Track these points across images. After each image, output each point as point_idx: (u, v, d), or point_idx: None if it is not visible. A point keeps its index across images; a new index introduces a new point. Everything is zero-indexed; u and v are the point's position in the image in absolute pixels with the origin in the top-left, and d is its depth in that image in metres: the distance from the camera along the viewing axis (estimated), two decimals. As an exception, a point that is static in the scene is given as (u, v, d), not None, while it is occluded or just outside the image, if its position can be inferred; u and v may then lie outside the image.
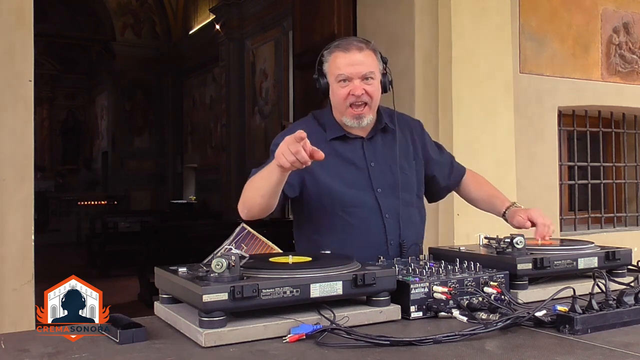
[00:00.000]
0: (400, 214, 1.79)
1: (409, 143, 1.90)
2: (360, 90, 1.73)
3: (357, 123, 1.78)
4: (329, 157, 1.69)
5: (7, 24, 2.32)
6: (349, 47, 1.75)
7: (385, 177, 1.81)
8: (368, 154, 1.82)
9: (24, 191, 2.33)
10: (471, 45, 3.12)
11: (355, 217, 1.76)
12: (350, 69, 1.73)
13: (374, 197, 1.78)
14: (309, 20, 4.00)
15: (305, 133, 1.50)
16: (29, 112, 2.36)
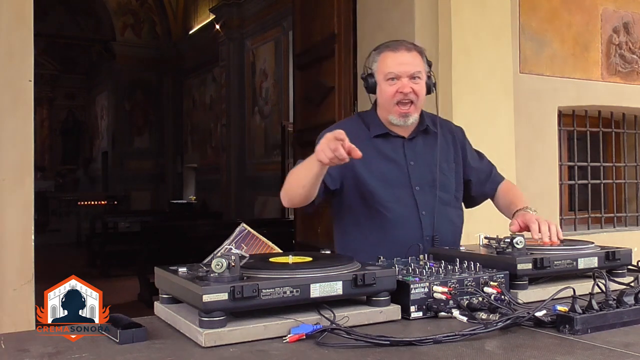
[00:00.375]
0: (436, 211, 1.85)
1: (450, 146, 1.97)
2: (408, 88, 1.80)
3: (403, 121, 1.85)
4: (370, 153, 1.82)
5: (7, 24, 2.32)
6: (398, 47, 1.83)
7: (424, 176, 1.88)
8: (408, 153, 1.89)
9: (24, 191, 2.33)
10: (471, 46, 3.12)
11: (392, 212, 1.83)
12: (399, 67, 1.80)
13: (412, 194, 1.86)
14: (309, 20, 4.00)
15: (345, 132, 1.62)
16: (29, 112, 2.36)
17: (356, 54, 3.53)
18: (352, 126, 1.89)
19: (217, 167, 11.83)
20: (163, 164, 15.12)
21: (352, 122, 1.97)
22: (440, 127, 1.95)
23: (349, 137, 1.74)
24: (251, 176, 10.89)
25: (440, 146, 1.92)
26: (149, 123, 15.14)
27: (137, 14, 14.72)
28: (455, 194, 1.96)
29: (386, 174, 1.86)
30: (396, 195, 1.85)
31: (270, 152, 10.13)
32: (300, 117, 4.19)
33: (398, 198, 1.85)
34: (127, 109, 14.95)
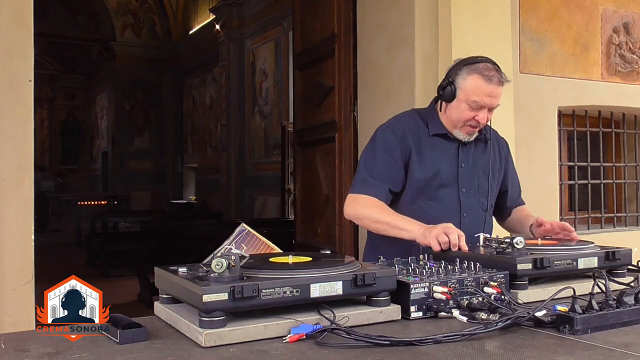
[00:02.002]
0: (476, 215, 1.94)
1: (497, 156, 2.04)
2: (485, 120, 1.90)
3: (469, 137, 1.94)
4: (427, 150, 1.92)
5: (7, 24, 2.32)
6: (493, 79, 1.86)
7: (472, 180, 1.95)
8: (461, 156, 1.95)
9: (24, 191, 2.33)
10: (471, 45, 3.12)
11: (435, 210, 1.89)
12: (488, 100, 1.87)
13: (457, 195, 1.92)
14: (309, 20, 4.00)
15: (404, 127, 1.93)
16: (29, 112, 2.36)
17: (356, 54, 3.53)
18: (414, 120, 1.98)
19: (217, 167, 11.84)
20: (163, 164, 15.13)
21: (414, 116, 2.02)
22: (491, 136, 2.04)
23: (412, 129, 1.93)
24: (251, 176, 10.89)
25: (490, 155, 1.99)
26: (149, 123, 15.14)
27: (137, 14, 14.72)
28: (492, 202, 2.02)
29: (438, 173, 1.91)
30: (442, 194, 1.91)
31: (270, 152, 10.14)
32: (300, 117, 4.19)
33: (443, 197, 1.91)
34: (127, 109, 14.96)
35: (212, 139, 12.82)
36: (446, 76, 1.94)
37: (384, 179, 1.89)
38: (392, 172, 1.90)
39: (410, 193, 1.91)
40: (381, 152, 1.93)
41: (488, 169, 1.97)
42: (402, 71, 3.18)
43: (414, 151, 1.90)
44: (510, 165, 2.13)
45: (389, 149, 1.92)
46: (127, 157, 14.92)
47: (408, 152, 1.90)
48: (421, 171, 1.90)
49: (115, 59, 14.73)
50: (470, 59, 1.92)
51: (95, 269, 8.43)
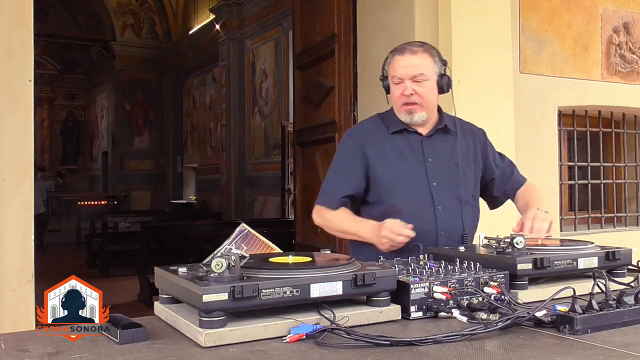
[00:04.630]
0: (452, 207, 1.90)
1: (470, 147, 2.01)
2: (410, 91, 1.87)
3: (409, 118, 1.91)
4: (389, 150, 1.93)
5: (7, 24, 2.32)
6: (404, 50, 1.89)
7: (442, 173, 1.93)
8: (427, 150, 1.94)
9: (24, 191, 2.33)
10: (471, 46, 3.12)
11: (408, 207, 1.87)
12: (402, 70, 1.87)
13: (429, 189, 1.91)
14: (309, 20, 4.00)
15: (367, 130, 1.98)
16: (29, 112, 2.36)
17: (356, 54, 3.53)
18: (372, 124, 2.02)
19: (217, 167, 11.84)
20: (163, 164, 15.13)
21: (373, 122, 2.05)
22: (461, 128, 2.01)
23: (370, 135, 1.96)
24: (251, 176, 10.90)
25: (460, 146, 1.96)
26: (149, 123, 15.14)
27: (137, 14, 14.73)
28: (472, 193, 1.99)
29: (404, 170, 1.91)
30: (413, 190, 1.90)
31: (270, 152, 10.14)
32: (300, 117, 4.19)
33: (414, 193, 1.90)
34: (127, 109, 14.96)
35: (212, 139, 12.82)
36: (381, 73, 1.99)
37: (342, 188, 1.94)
38: (353, 178, 1.94)
39: (381, 193, 1.92)
40: (342, 159, 1.99)
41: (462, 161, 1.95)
42: (402, 71, 3.18)
43: (376, 152, 1.93)
44: (492, 153, 2.09)
45: (349, 155, 1.96)
46: (127, 157, 14.93)
47: (369, 155, 1.93)
48: (387, 170, 1.91)
49: (115, 59, 14.73)
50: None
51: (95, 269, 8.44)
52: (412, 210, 1.87)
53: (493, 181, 2.07)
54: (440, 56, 1.95)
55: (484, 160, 2.04)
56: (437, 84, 1.92)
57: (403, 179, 1.91)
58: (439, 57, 1.94)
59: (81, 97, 18.58)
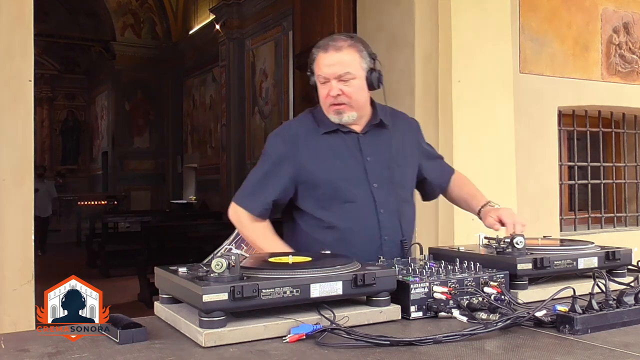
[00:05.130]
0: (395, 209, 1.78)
1: (405, 140, 1.89)
2: (336, 91, 1.72)
3: (338, 118, 1.77)
4: (323, 152, 1.77)
5: (7, 24, 2.32)
6: (328, 47, 1.73)
7: (382, 172, 1.79)
8: (364, 149, 1.79)
9: (24, 191, 2.33)
10: (471, 45, 3.12)
11: (350, 212, 1.74)
12: (327, 69, 1.72)
13: (370, 191, 1.76)
14: (309, 20, 4.00)
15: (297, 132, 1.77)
16: (29, 112, 2.36)
17: (356, 54, 3.53)
18: (303, 124, 1.84)
19: (217, 167, 11.84)
20: (163, 164, 15.13)
21: (303, 120, 1.87)
22: (395, 119, 1.88)
23: (300, 135, 1.82)
24: (251, 176, 10.87)
25: (396, 140, 1.83)
26: (149, 123, 15.15)
27: (137, 14, 14.73)
28: (410, 190, 1.90)
29: (342, 172, 1.76)
30: (353, 193, 1.75)
31: (270, 152, 10.12)
32: (300, 117, 4.19)
33: (356, 196, 1.75)
34: (127, 109, 14.96)
35: (212, 139, 12.83)
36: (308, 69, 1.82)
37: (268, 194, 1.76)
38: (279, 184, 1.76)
39: (318, 198, 1.76)
40: (269, 163, 1.79)
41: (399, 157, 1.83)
42: (402, 71, 3.19)
43: (309, 155, 1.76)
44: (424, 146, 1.98)
45: (276, 159, 1.78)
46: (127, 157, 14.93)
47: (301, 158, 1.76)
48: (323, 174, 1.75)
49: (115, 59, 14.74)
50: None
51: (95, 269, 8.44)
52: (353, 216, 1.74)
53: (428, 174, 1.96)
54: (368, 49, 1.77)
55: (419, 153, 1.94)
56: (367, 80, 1.75)
57: (342, 182, 1.75)
58: (367, 50, 1.76)
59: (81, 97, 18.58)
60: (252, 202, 1.78)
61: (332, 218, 1.74)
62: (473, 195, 1.95)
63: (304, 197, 1.78)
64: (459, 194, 2.01)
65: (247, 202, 1.79)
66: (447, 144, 3.03)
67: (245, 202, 1.79)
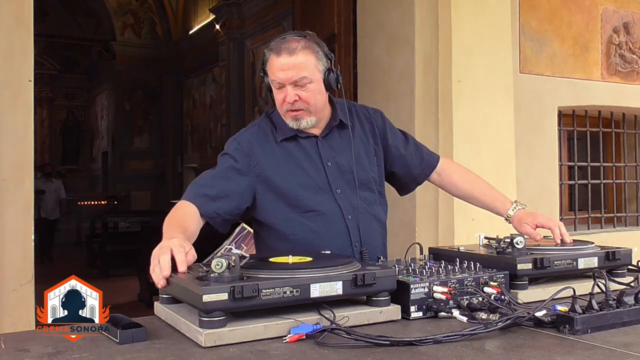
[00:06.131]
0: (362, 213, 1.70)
1: (369, 136, 1.80)
2: (292, 97, 1.62)
3: (297, 125, 1.67)
4: (282, 159, 1.68)
5: (7, 24, 2.32)
6: (280, 50, 1.61)
7: (344, 177, 1.70)
8: (324, 153, 1.71)
9: (24, 191, 2.33)
10: (471, 46, 3.12)
11: (316, 221, 1.66)
12: (282, 74, 1.61)
13: (334, 198, 1.68)
14: (309, 21, 4.00)
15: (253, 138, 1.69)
16: (29, 112, 2.36)
17: (356, 54, 3.53)
18: (261, 130, 1.74)
19: (217, 167, 11.82)
20: (163, 164, 15.13)
21: (261, 126, 1.76)
22: (357, 116, 1.79)
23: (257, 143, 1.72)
24: (251, 176, 10.88)
25: (358, 139, 1.75)
26: (149, 123, 15.15)
27: (137, 14, 14.73)
28: (378, 189, 1.79)
29: (303, 180, 1.67)
30: (317, 201, 1.67)
31: (270, 152, 10.12)
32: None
33: (320, 204, 1.67)
34: (127, 109, 14.96)
35: (212, 139, 12.82)
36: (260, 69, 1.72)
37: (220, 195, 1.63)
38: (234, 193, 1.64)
39: (282, 209, 1.66)
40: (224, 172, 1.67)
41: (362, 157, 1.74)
42: (402, 71, 3.19)
43: (266, 164, 1.67)
44: (392, 137, 1.85)
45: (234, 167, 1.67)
46: (127, 157, 14.93)
47: (258, 168, 1.67)
48: (283, 184, 1.66)
49: (115, 59, 14.73)
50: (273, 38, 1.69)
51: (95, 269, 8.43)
52: (320, 226, 1.65)
53: (398, 168, 1.86)
54: (324, 49, 1.66)
55: (384, 147, 1.82)
56: (324, 82, 1.64)
57: (305, 192, 1.66)
58: (323, 50, 1.65)
59: (81, 97, 18.56)
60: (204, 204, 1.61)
61: (296, 229, 1.66)
62: (493, 197, 1.86)
63: (263, 209, 1.69)
64: (471, 192, 1.90)
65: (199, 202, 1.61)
66: (447, 144, 3.03)
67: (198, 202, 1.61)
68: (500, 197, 1.86)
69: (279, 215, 1.67)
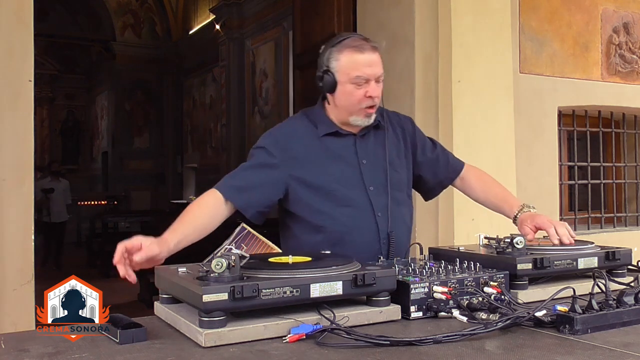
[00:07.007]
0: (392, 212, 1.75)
1: (400, 140, 1.87)
2: (378, 92, 1.70)
3: (367, 121, 1.75)
4: (320, 154, 1.75)
5: (7, 24, 2.32)
6: (362, 47, 1.70)
7: (377, 175, 1.77)
8: (360, 152, 1.78)
9: (24, 191, 2.33)
10: (471, 45, 3.12)
11: (347, 216, 1.72)
12: (369, 70, 1.68)
13: (366, 195, 1.74)
14: (309, 20, 4.00)
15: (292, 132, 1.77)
16: (29, 112, 2.36)
17: (356, 54, 3.53)
18: (299, 125, 1.81)
19: (217, 167, 11.83)
20: (163, 164, 15.12)
21: (298, 121, 1.85)
22: (389, 120, 1.86)
23: (297, 137, 1.78)
24: (251, 176, 10.87)
25: (391, 141, 1.82)
26: (149, 123, 15.14)
27: (137, 14, 14.73)
28: (407, 192, 1.87)
29: (339, 175, 1.74)
30: (350, 197, 1.73)
31: (270, 152, 10.12)
32: (300, 117, 4.19)
33: (353, 200, 1.73)
34: (127, 109, 14.96)
35: (212, 139, 12.82)
36: (318, 68, 1.76)
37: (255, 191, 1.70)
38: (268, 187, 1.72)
39: (315, 202, 1.72)
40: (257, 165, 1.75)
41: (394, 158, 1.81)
42: (402, 71, 3.18)
43: (303, 158, 1.73)
44: (421, 143, 1.92)
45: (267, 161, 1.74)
46: (127, 157, 14.92)
47: (295, 161, 1.73)
48: (319, 177, 1.72)
49: (115, 59, 14.73)
50: (333, 39, 1.77)
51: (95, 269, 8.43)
52: (351, 220, 1.72)
53: (425, 172, 1.92)
54: None
55: (414, 152, 1.89)
56: None
57: (339, 186, 1.72)
58: None
59: (81, 97, 18.56)
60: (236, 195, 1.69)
61: (327, 222, 1.71)
62: (504, 199, 1.90)
63: (296, 201, 1.74)
64: (486, 196, 1.95)
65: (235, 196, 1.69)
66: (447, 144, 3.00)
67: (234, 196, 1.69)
68: (510, 200, 1.89)
69: (312, 208, 1.73)
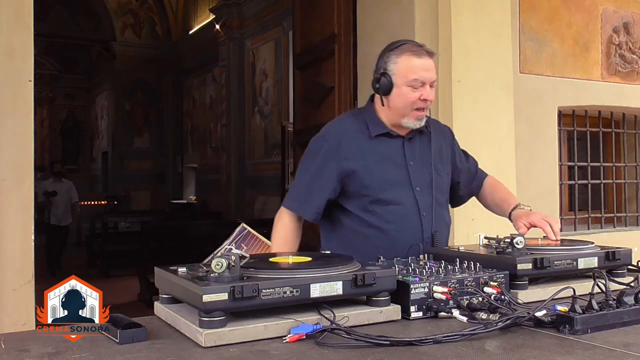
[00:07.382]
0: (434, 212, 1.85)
1: (442, 146, 1.97)
2: (432, 96, 1.80)
3: (418, 123, 1.84)
4: (371, 154, 1.84)
5: (7, 24, 2.32)
6: (421, 52, 1.80)
7: (423, 177, 1.87)
8: (408, 153, 1.87)
9: (24, 191, 2.33)
10: (471, 45, 3.12)
11: (394, 214, 1.81)
12: (426, 74, 1.78)
13: (413, 195, 1.84)
14: (309, 20, 4.00)
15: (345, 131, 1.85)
16: (29, 112, 2.36)
17: (356, 54, 3.53)
18: (351, 125, 1.90)
19: (217, 167, 11.84)
20: (163, 164, 15.13)
21: (350, 120, 1.94)
22: (433, 127, 1.95)
23: (349, 136, 1.86)
24: (251, 176, 10.89)
25: (435, 146, 1.91)
26: (149, 123, 15.15)
27: (137, 14, 14.73)
28: (446, 196, 1.98)
29: (388, 175, 1.84)
30: (399, 195, 1.83)
31: (270, 152, 10.14)
32: (300, 117, 4.19)
33: (401, 198, 1.83)
34: (127, 109, 14.96)
35: (212, 139, 12.82)
36: (376, 70, 1.86)
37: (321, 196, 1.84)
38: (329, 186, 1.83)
39: (362, 200, 1.82)
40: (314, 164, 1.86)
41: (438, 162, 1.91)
42: (402, 71, 3.18)
43: (355, 157, 1.83)
44: (457, 152, 2.05)
45: (322, 158, 1.84)
46: (127, 157, 14.92)
47: (348, 159, 1.82)
48: (369, 176, 1.82)
49: (115, 59, 14.73)
50: (391, 45, 1.87)
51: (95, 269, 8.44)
52: (398, 218, 1.81)
53: (459, 183, 2.04)
54: None
55: (453, 159, 2.01)
56: None
57: (388, 185, 1.82)
58: None
59: (81, 97, 18.56)
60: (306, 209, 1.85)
61: (377, 219, 1.81)
62: (504, 199, 1.99)
63: (347, 196, 1.85)
64: (492, 200, 2.05)
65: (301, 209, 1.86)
66: (447, 144, 3.03)
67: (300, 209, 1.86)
68: (508, 200, 1.98)
69: (362, 204, 1.83)
